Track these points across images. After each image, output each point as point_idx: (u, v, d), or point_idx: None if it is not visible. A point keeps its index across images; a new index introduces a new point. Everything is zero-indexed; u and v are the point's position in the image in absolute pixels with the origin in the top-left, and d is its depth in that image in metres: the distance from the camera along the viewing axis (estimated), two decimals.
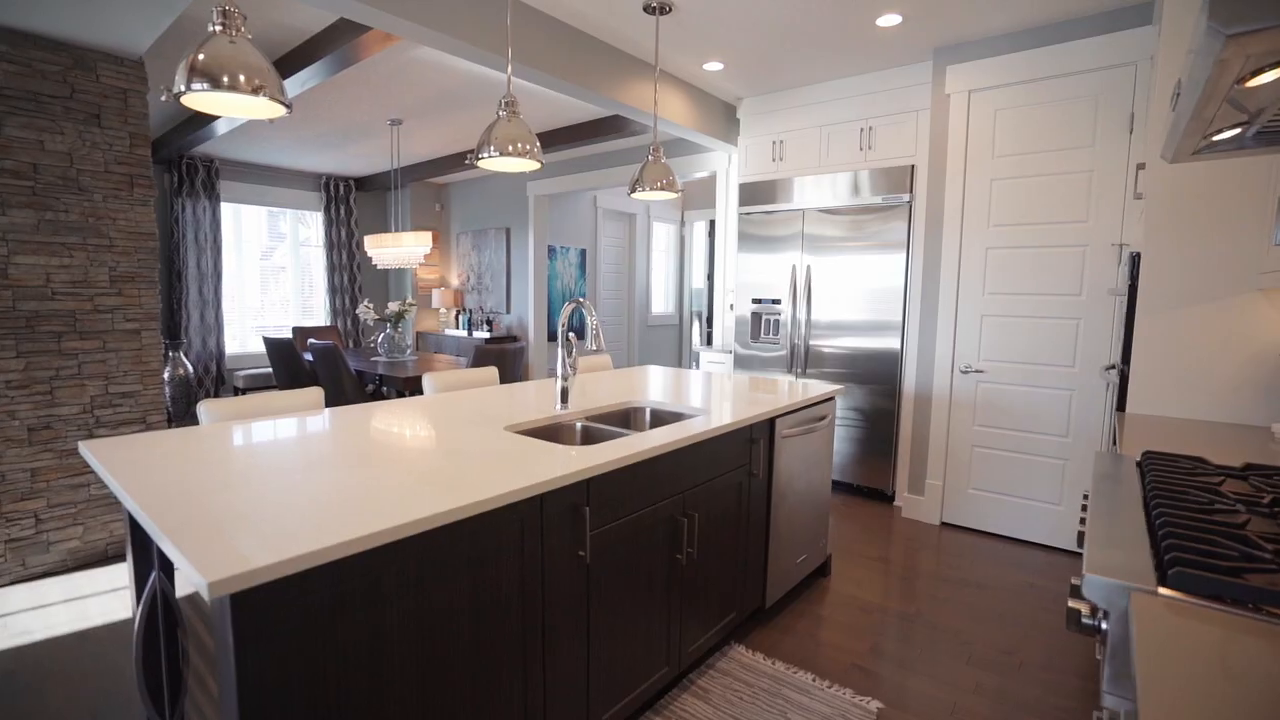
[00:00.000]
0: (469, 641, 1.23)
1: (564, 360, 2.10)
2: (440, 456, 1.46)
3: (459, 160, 5.91)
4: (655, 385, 2.70)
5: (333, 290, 7.05)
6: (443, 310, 7.44)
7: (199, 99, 1.46)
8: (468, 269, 7.40)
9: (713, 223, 8.59)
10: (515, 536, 1.30)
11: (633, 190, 2.91)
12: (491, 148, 2.12)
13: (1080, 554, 3.12)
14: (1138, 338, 2.26)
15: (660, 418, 2.31)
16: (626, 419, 2.34)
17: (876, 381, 3.84)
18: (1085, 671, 2.17)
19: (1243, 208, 2.05)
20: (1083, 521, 1.48)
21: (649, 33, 3.15)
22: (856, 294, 3.86)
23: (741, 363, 4.45)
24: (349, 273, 7.17)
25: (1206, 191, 2.10)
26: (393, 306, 4.90)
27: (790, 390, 2.63)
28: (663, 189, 2.86)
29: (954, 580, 2.85)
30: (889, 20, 2.96)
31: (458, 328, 7.28)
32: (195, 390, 6.02)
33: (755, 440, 2.18)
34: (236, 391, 6.21)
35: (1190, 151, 1.38)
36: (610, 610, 1.60)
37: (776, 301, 4.25)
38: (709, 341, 8.88)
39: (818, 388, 2.70)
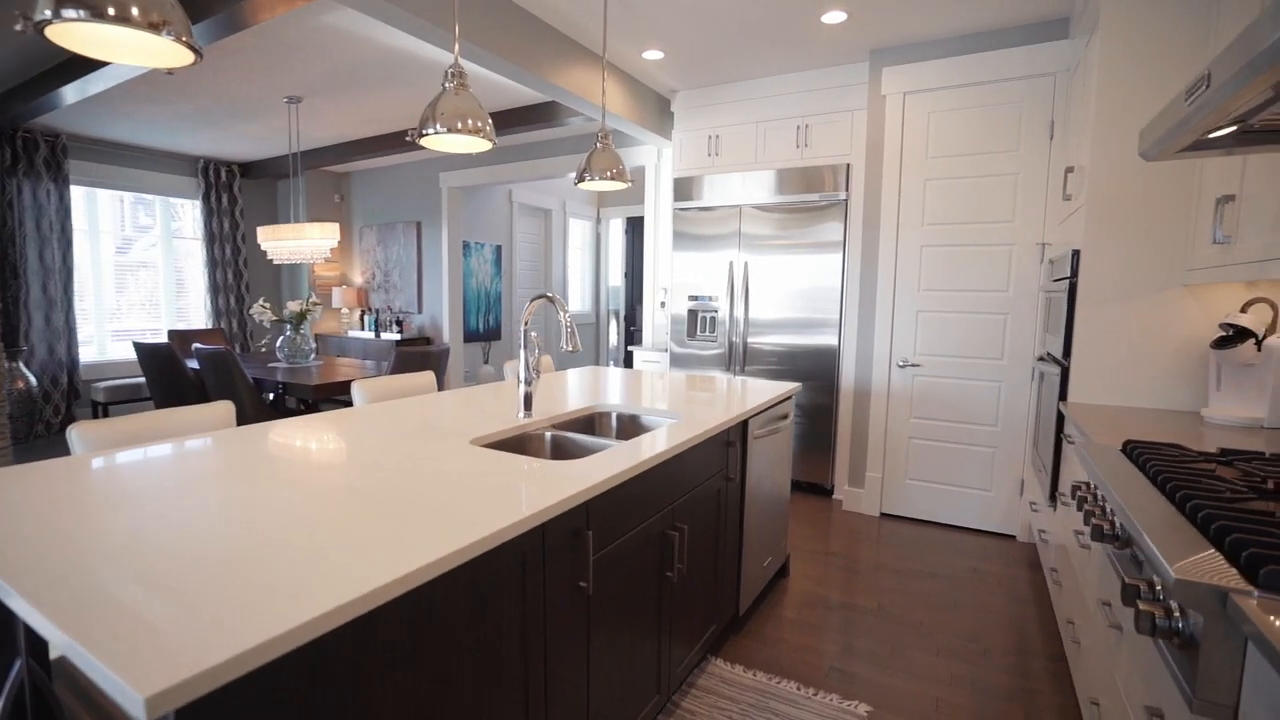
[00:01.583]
0: (469, 705, 1.03)
1: (526, 363, 1.89)
2: (411, 481, 1.23)
3: (367, 146, 5.41)
4: (609, 387, 2.53)
5: (214, 288, 6.27)
6: (345, 310, 6.83)
7: (72, 33, 1.13)
8: (373, 266, 6.84)
9: (630, 220, 8.51)
10: (516, 577, 1.10)
11: (580, 180, 2.72)
12: (437, 124, 1.86)
13: (1012, 536, 3.30)
14: (1078, 331, 2.37)
15: (628, 422, 2.15)
16: (592, 425, 2.16)
17: (815, 378, 3.88)
18: (1047, 653, 2.24)
19: (1173, 210, 2.19)
20: (1084, 511, 1.48)
21: (593, 12, 2.98)
22: (794, 291, 3.88)
23: (678, 361, 4.37)
24: (234, 269, 6.40)
25: (1141, 194, 2.23)
26: (292, 306, 4.39)
27: (745, 389, 2.56)
28: (612, 178, 2.69)
29: (905, 571, 2.90)
30: (834, 17, 2.96)
31: (363, 329, 6.71)
32: (40, 406, 5.13)
33: (731, 443, 2.08)
34: (96, 407, 5.35)
35: (1179, 149, 1.41)
36: (608, 643, 1.43)
37: (713, 299, 4.21)
38: (629, 341, 8.79)
39: (759, 385, 2.65)
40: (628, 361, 8.66)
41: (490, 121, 1.93)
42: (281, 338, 4.44)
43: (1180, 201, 2.18)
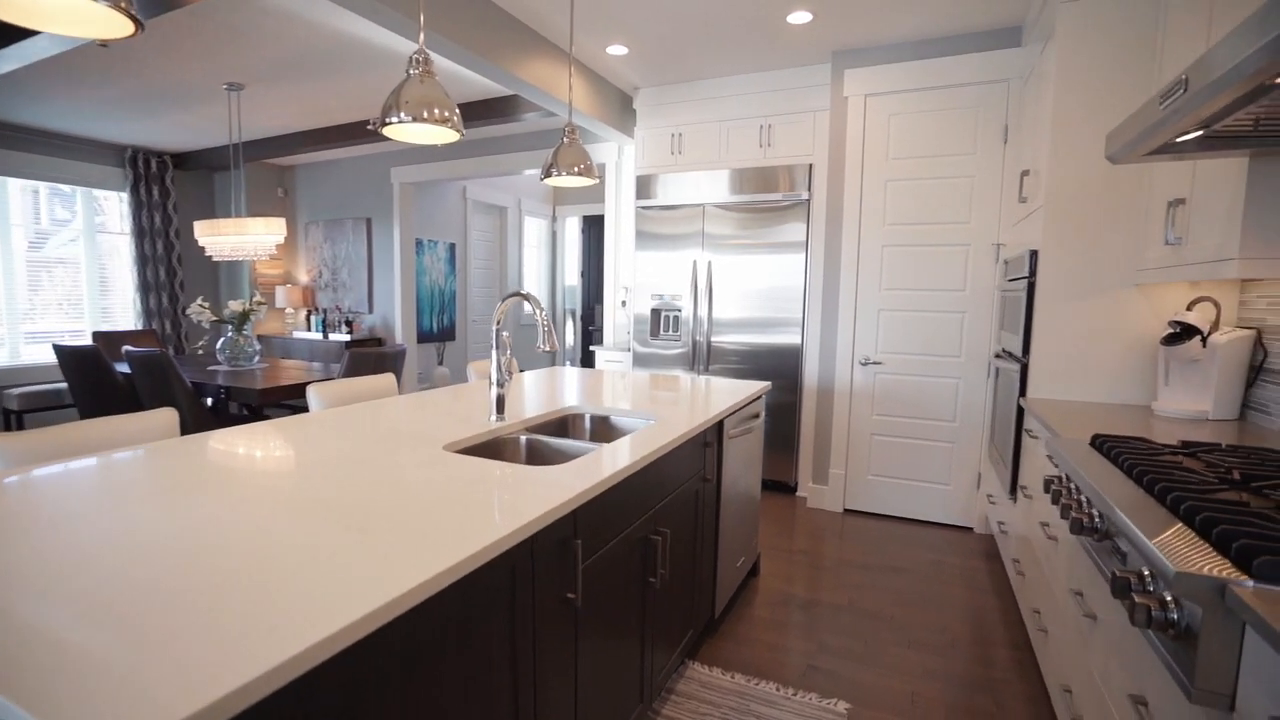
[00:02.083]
0: None
1: (498, 364, 1.82)
2: (388, 492, 1.15)
3: (314, 138, 5.16)
4: (578, 389, 2.47)
5: (145, 287, 5.87)
6: (290, 310, 6.51)
7: None
8: (320, 263, 6.54)
9: (587, 218, 8.43)
10: (505, 592, 1.03)
11: (546, 175, 2.65)
12: (401, 113, 1.77)
13: (970, 528, 3.39)
14: (1037, 328, 2.45)
15: (603, 424, 2.10)
16: (565, 427, 2.09)
17: (778, 377, 3.90)
18: (1011, 641, 2.30)
19: (1125, 213, 2.28)
20: (1060, 505, 1.52)
21: (559, 5, 2.90)
22: (758, 290, 3.90)
23: (641, 361, 4.34)
24: (167, 266, 6.01)
25: (1095, 198, 2.32)
26: (234, 306, 4.14)
27: (717, 389, 2.54)
28: (580, 174, 2.63)
29: (871, 566, 2.94)
30: (799, 17, 2.98)
31: (310, 330, 6.41)
32: None
33: (709, 444, 2.05)
34: (9, 416, 4.93)
35: (1146, 152, 1.45)
36: (595, 656, 1.38)
37: (677, 298, 4.19)
38: (587, 341, 8.71)
39: (731, 385, 2.64)
40: (586, 361, 8.58)
41: (458, 111, 1.84)
42: (222, 339, 4.18)
43: (1132, 205, 2.27)
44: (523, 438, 1.78)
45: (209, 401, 4.14)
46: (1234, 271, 1.58)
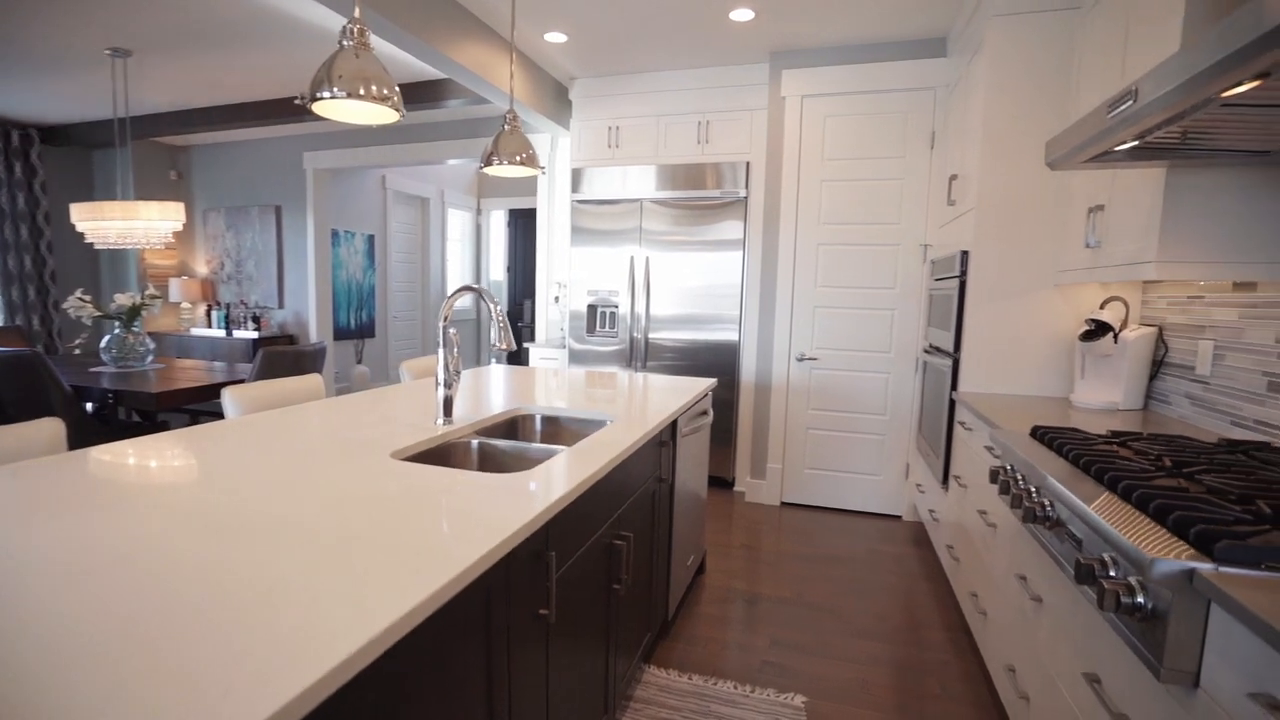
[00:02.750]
0: None
1: (445, 364, 1.70)
2: (344, 508, 1.03)
3: (216, 116, 4.71)
4: (523, 388, 2.37)
5: (6, 278, 5.17)
6: (186, 305, 5.94)
7: None
8: (222, 254, 6.00)
9: (513, 212, 8.21)
10: (480, 615, 0.94)
11: (486, 164, 2.52)
12: (334, 87, 1.61)
13: (898, 516, 3.54)
14: (967, 325, 2.58)
15: (555, 425, 2.01)
16: (515, 429, 1.99)
17: (716, 373, 3.93)
18: (947, 624, 2.41)
19: (1047, 218, 2.43)
20: (1011, 495, 1.58)
21: None
22: (695, 287, 3.91)
23: (577, 358, 4.25)
24: (34, 254, 5.32)
25: (1020, 202, 2.46)
26: (122, 299, 3.71)
27: (666, 386, 2.51)
28: (523, 163, 2.52)
29: (812, 558, 3.01)
30: (742, 14, 2.99)
31: (211, 326, 5.87)
32: None
33: (665, 443, 2.02)
34: None
35: (1085, 159, 1.54)
36: (564, 671, 1.30)
37: (614, 294, 4.13)
38: (515, 338, 8.49)
39: (678, 382, 2.62)
40: (514, 359, 8.36)
41: (398, 90, 1.70)
42: (108, 337, 3.73)
43: (1054, 210, 2.43)
44: (474, 442, 1.67)
45: (90, 407, 3.69)
46: (1152, 273, 1.71)
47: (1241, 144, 1.43)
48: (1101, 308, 2.32)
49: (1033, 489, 1.49)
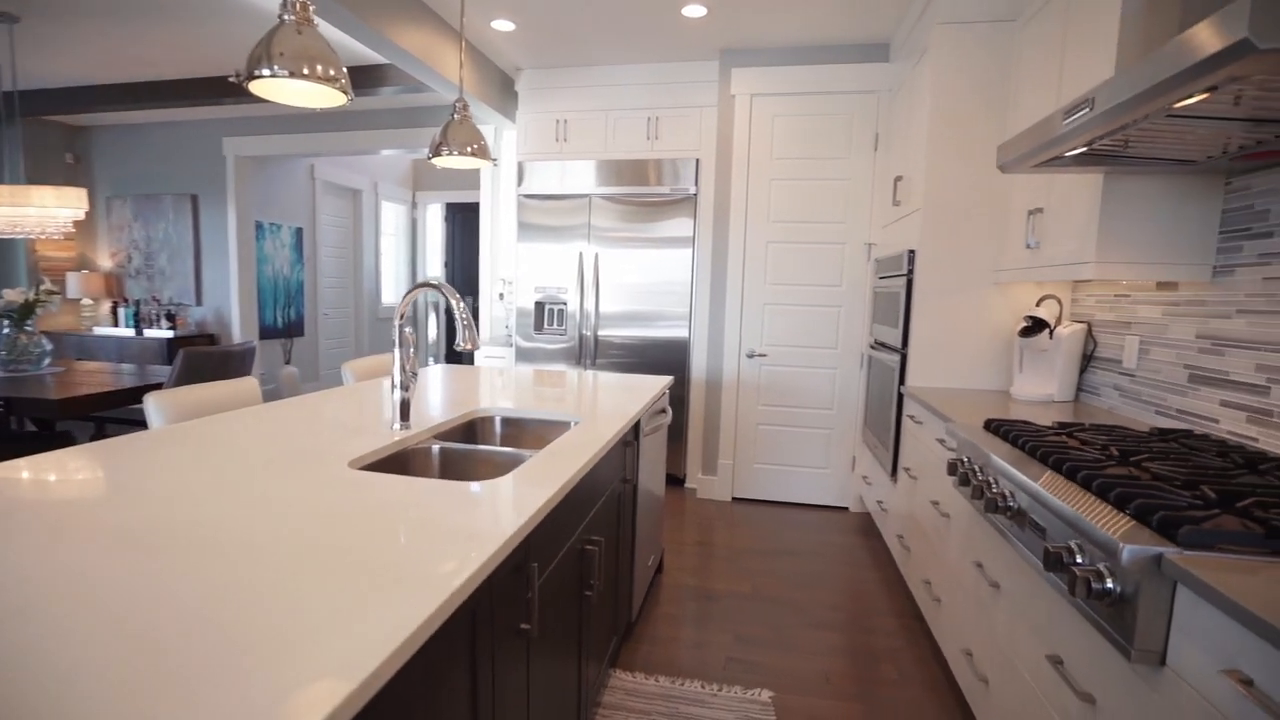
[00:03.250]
0: None
1: (402, 364, 1.60)
2: (315, 526, 0.94)
3: (120, 95, 4.30)
4: (475, 388, 2.28)
5: None
6: (88, 301, 5.42)
7: None
8: (129, 246, 5.51)
9: (451, 205, 7.96)
10: (465, 637, 0.88)
11: (435, 154, 2.41)
12: (274, 65, 1.48)
13: (845, 508, 3.65)
14: (914, 322, 2.67)
15: (517, 426, 1.94)
16: (474, 432, 1.91)
17: (666, 370, 3.93)
18: (898, 611, 2.50)
19: (987, 219, 2.55)
20: (972, 486, 1.64)
21: None
22: (645, 284, 3.89)
23: (524, 356, 4.16)
24: None
25: (963, 204, 2.56)
26: (12, 295, 3.34)
27: (621, 384, 2.48)
28: (474, 154, 2.42)
29: (766, 552, 3.06)
30: (694, 10, 2.98)
31: (118, 325, 5.39)
32: None
33: (629, 443, 1.98)
34: None
35: (1036, 163, 1.61)
36: (542, 686, 1.25)
37: (562, 291, 4.06)
38: (452, 336, 8.23)
39: (628, 379, 2.60)
40: (451, 357, 8.11)
41: (345, 70, 1.59)
42: None
43: (994, 212, 2.54)
44: (435, 447, 1.58)
45: None
46: (1091, 273, 1.81)
47: (1173, 154, 1.53)
48: (1038, 305, 2.45)
49: (992, 480, 1.55)
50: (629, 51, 3.56)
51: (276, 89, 1.59)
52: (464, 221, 7.90)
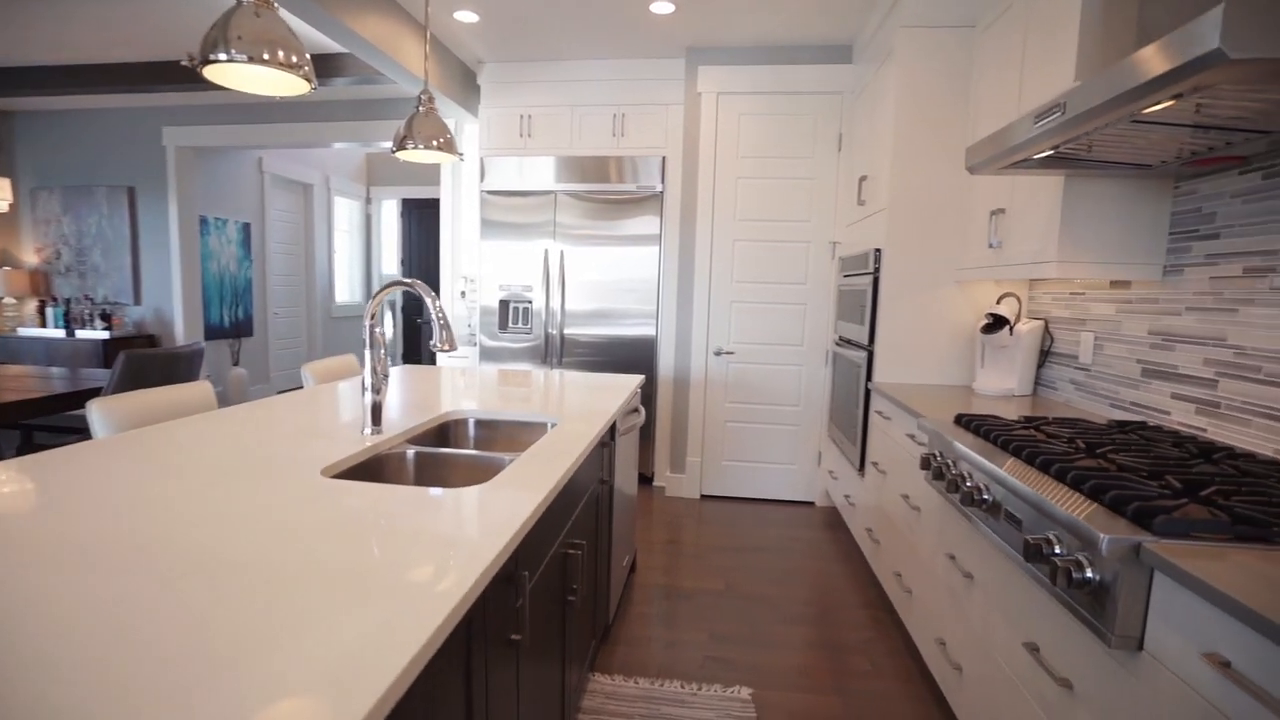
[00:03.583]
0: None
1: (372, 367, 1.54)
2: (292, 539, 0.88)
3: (47, 78, 4.01)
4: (443, 389, 2.22)
5: None
6: (10, 300, 5.06)
7: None
8: (56, 241, 5.17)
9: (407, 201, 7.75)
10: (461, 652, 0.85)
11: (399, 148, 2.33)
12: (232, 49, 1.40)
13: (811, 503, 3.70)
14: (881, 319, 2.73)
15: (491, 428, 1.89)
16: (446, 435, 1.85)
17: (634, 368, 3.91)
18: (868, 603, 2.55)
19: (950, 219, 2.62)
20: (945, 481, 1.68)
21: None
22: (612, 281, 3.86)
23: (489, 355, 4.08)
24: None
25: (928, 204, 2.62)
26: None
27: (594, 384, 2.45)
28: (440, 148, 2.35)
29: (737, 548, 3.08)
30: (662, 7, 2.97)
31: (46, 325, 5.04)
32: None
33: (606, 444, 1.96)
34: None
35: (1004, 165, 1.65)
36: (529, 693, 1.22)
37: (528, 289, 4.00)
38: (409, 335, 8.01)
39: (599, 379, 2.58)
40: (410, 357, 7.91)
41: (308, 57, 1.52)
42: None
43: (956, 212, 2.61)
44: (409, 452, 1.53)
45: None
46: (1054, 272, 1.87)
47: (1130, 158, 1.59)
48: (998, 303, 2.53)
49: (966, 474, 1.58)
50: (595, 46, 3.52)
51: (234, 75, 1.51)
52: (421, 218, 7.70)
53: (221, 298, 5.45)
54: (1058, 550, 1.16)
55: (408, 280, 1.49)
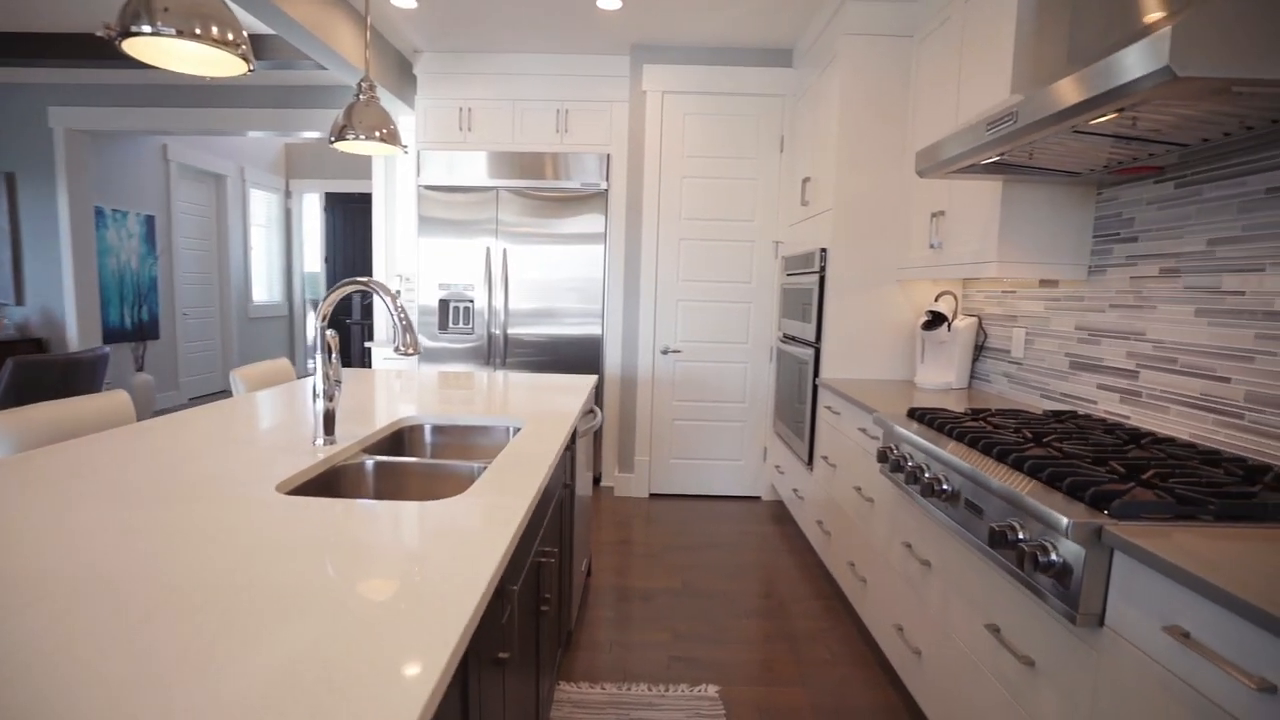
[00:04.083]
0: None
1: (325, 373, 1.44)
2: (255, 568, 0.80)
3: None
4: (390, 394, 2.12)
5: None
6: None
7: None
8: None
9: (330, 195, 7.35)
10: (459, 679, 0.80)
11: (339, 138, 2.19)
12: (158, 21, 1.27)
13: (758, 497, 3.78)
14: (827, 317, 2.81)
15: (450, 434, 1.81)
16: (401, 443, 1.76)
17: (580, 368, 3.87)
18: (820, 593, 2.62)
19: (892, 220, 2.73)
20: (904, 473, 1.74)
21: None
22: (557, 280, 3.80)
23: (429, 356, 3.93)
24: None
25: (871, 206, 2.72)
26: None
27: (548, 385, 2.41)
28: (383, 140, 2.23)
29: (690, 546, 3.10)
30: (609, 3, 2.94)
31: None
32: None
33: (568, 447, 1.92)
34: None
35: (953, 170, 1.73)
36: (511, 712, 1.17)
37: (469, 288, 3.87)
38: (344, 337, 7.61)
39: (544, 380, 2.54)
40: (348, 359, 7.51)
41: (245, 35, 1.40)
42: None
43: (896, 214, 2.73)
44: (368, 462, 1.44)
45: None
46: (994, 271, 1.98)
47: (1064, 165, 1.71)
48: (936, 300, 2.66)
49: (924, 465, 1.65)
50: (538, 40, 3.44)
51: (159, 51, 1.37)
52: (346, 213, 7.32)
53: (122, 297, 4.98)
54: (1022, 536, 1.23)
55: (363, 279, 1.40)
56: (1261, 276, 1.45)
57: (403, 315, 1.37)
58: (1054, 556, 1.14)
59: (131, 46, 1.32)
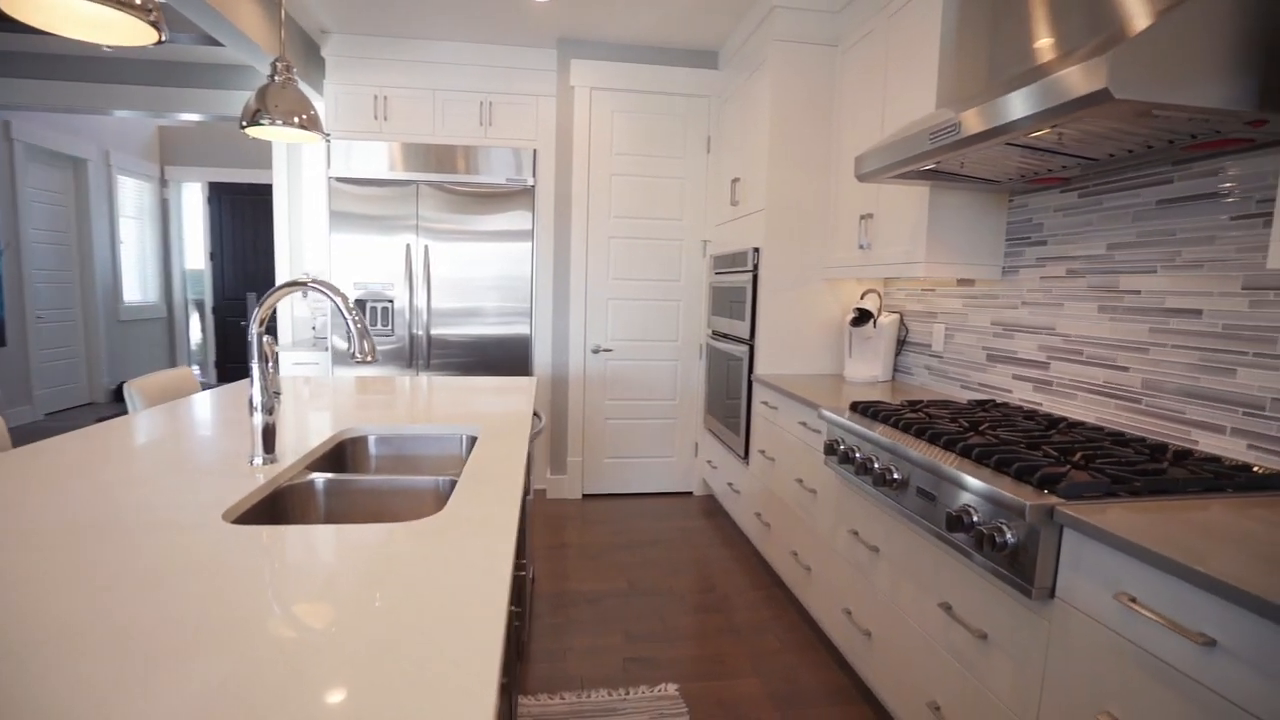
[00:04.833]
0: None
1: (262, 385, 1.30)
2: (234, 611, 0.71)
3: None
4: (318, 404, 1.96)
5: None
6: None
7: None
8: None
9: (215, 185, 6.71)
10: None
11: (251, 123, 2.00)
12: None
13: (690, 492, 3.84)
14: (760, 314, 2.89)
15: (399, 445, 1.70)
16: (343, 458, 1.63)
17: (508, 369, 3.76)
18: (759, 584, 2.70)
19: (820, 221, 2.84)
20: (854, 464, 1.82)
21: None
22: (482, 278, 3.67)
23: (344, 360, 3.68)
24: None
25: (800, 207, 2.83)
26: None
27: (490, 388, 2.32)
28: (302, 126, 2.05)
29: (630, 545, 3.10)
30: None
31: None
32: None
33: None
34: None
35: (896, 174, 1.83)
36: None
37: (388, 287, 3.66)
38: (222, 340, 6.94)
39: (479, 383, 2.46)
40: (225, 365, 6.88)
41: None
42: None
43: (824, 215, 2.85)
44: (317, 481, 1.32)
45: None
46: (922, 271, 2.12)
47: (986, 174, 1.85)
48: (862, 298, 2.81)
49: (873, 456, 1.74)
50: (459, 28, 3.30)
51: (49, 12, 1.18)
52: (235, 204, 6.70)
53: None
54: (977, 519, 1.32)
55: (308, 279, 1.28)
56: (1154, 278, 1.63)
57: (359, 320, 1.27)
58: (1009, 537, 1.23)
59: (12, 6, 1.13)
